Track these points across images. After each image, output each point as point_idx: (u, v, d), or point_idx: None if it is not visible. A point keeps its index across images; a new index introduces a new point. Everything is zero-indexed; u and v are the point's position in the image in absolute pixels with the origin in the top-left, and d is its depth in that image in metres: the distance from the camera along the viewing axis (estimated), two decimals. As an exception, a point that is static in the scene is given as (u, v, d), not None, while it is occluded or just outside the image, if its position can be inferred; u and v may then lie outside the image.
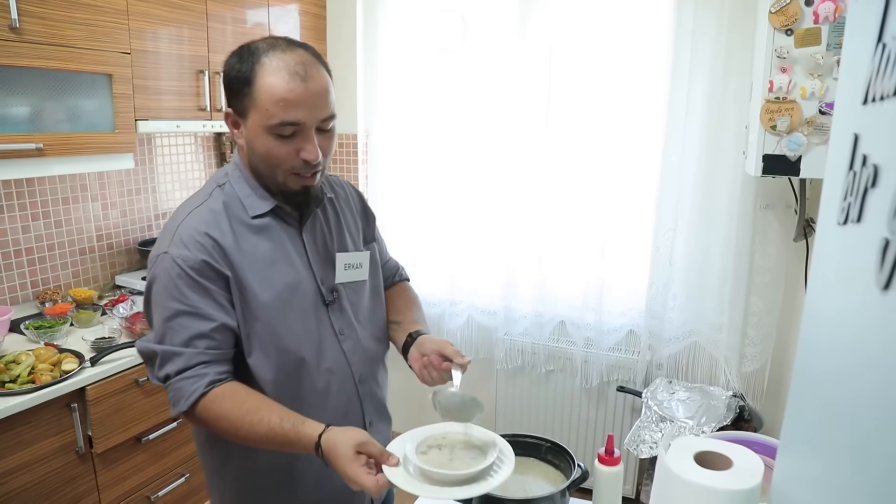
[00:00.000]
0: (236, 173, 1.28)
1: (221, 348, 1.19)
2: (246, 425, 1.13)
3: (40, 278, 2.53)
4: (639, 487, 2.93)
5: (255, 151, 1.20)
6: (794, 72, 1.86)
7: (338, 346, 1.32)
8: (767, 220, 2.59)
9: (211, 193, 1.26)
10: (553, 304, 3.02)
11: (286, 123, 1.15)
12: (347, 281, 1.36)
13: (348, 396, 1.34)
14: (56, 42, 2.03)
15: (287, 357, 1.25)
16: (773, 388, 2.69)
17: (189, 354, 1.16)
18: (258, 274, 1.22)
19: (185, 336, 1.16)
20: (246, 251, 1.22)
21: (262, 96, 1.14)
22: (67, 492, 2.00)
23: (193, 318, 1.16)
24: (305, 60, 1.17)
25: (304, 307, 1.27)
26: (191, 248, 1.18)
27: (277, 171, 1.21)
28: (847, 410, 0.66)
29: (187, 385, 1.15)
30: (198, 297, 1.17)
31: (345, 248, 1.37)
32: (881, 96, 0.64)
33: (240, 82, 1.17)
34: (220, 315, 1.18)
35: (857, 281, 0.65)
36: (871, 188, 0.64)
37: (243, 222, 1.24)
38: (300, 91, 1.14)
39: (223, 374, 1.18)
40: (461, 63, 3.00)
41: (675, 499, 1.12)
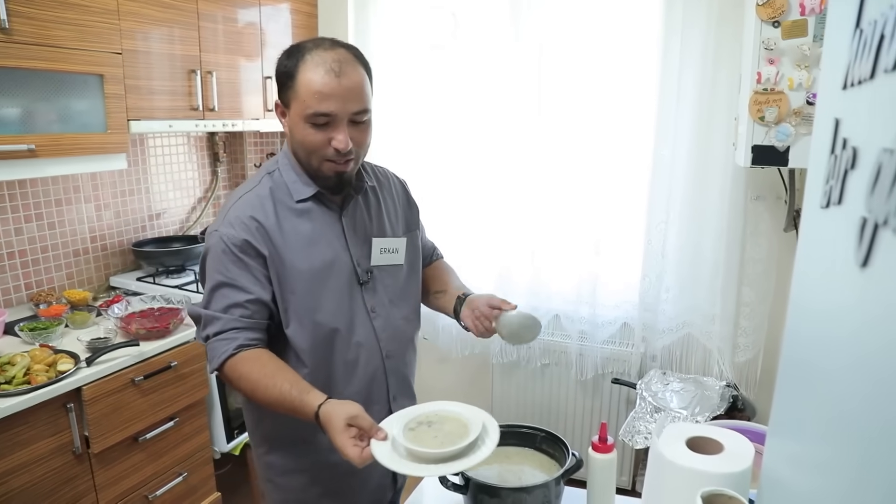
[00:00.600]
0: (285, 161, 1.41)
1: (255, 318, 1.32)
2: (262, 388, 1.26)
3: (34, 280, 2.53)
4: (634, 478, 2.95)
5: (294, 138, 1.34)
6: (781, 63, 1.88)
7: (368, 323, 1.44)
8: (758, 212, 2.61)
9: (261, 181, 1.40)
10: (547, 297, 3.03)
11: (319, 114, 1.28)
12: (382, 264, 1.47)
13: (375, 369, 1.45)
14: (46, 42, 2.03)
15: (320, 329, 1.37)
16: (765, 378, 2.72)
17: (226, 320, 1.30)
18: (298, 252, 1.35)
19: (225, 304, 1.31)
20: (288, 231, 1.36)
21: (301, 89, 1.28)
22: (65, 492, 2.01)
23: (232, 289, 1.31)
24: (343, 58, 1.29)
25: (339, 284, 1.40)
26: (236, 228, 1.32)
27: (312, 158, 1.34)
28: (831, 387, 0.68)
29: (220, 345, 1.30)
30: (238, 271, 1.31)
31: (383, 234, 1.49)
32: (859, 80, 0.66)
33: (285, 76, 1.31)
34: (256, 289, 1.32)
35: (838, 260, 0.66)
36: (850, 170, 0.66)
37: (287, 206, 1.37)
38: (333, 85, 1.27)
39: (253, 341, 1.31)
40: (452, 60, 3.01)
41: (667, 483, 1.13)
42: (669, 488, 1.12)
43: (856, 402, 0.59)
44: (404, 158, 3.21)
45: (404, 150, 3.21)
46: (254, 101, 2.92)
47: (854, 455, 0.59)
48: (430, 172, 3.16)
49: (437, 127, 3.10)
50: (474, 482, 1.27)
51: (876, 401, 0.53)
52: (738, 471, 1.08)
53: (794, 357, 0.89)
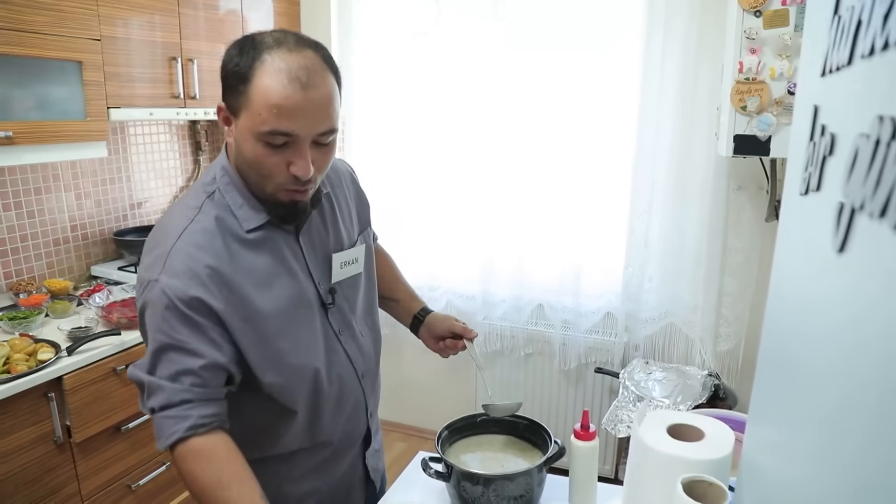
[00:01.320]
0: (225, 179, 1.17)
1: (209, 386, 1.08)
2: (206, 496, 1.03)
3: (13, 269, 2.50)
4: (617, 466, 2.98)
5: (242, 155, 1.11)
6: (763, 53, 1.89)
7: (340, 348, 1.29)
8: (740, 202, 2.62)
9: (201, 207, 1.15)
10: (531, 287, 3.04)
11: (277, 133, 1.04)
12: (343, 278, 1.31)
13: (356, 394, 1.33)
14: (22, 28, 2.00)
15: (301, 372, 1.21)
16: (747, 367, 2.74)
17: (173, 390, 1.06)
18: (259, 292, 1.14)
19: (172, 370, 1.07)
20: (245, 271, 1.13)
21: (255, 98, 1.03)
22: (47, 481, 1.99)
23: (181, 352, 1.07)
24: (311, 65, 1.04)
25: (308, 317, 1.22)
26: (182, 279, 1.07)
27: (265, 182, 1.11)
28: (807, 373, 0.69)
29: (168, 424, 1.06)
30: (187, 332, 1.07)
31: (341, 245, 1.30)
32: (837, 67, 0.66)
33: (236, 77, 1.05)
34: (210, 351, 1.08)
35: (816, 246, 0.67)
36: (828, 156, 0.66)
37: (238, 237, 1.14)
38: (297, 99, 1.02)
39: (207, 419, 1.07)
40: (435, 49, 2.99)
41: (648, 470, 1.14)
42: (650, 475, 1.13)
43: (828, 384, 0.60)
44: (387, 148, 3.20)
45: (387, 140, 3.20)
46: (236, 89, 2.89)
47: (829, 442, 0.59)
48: (413, 161, 3.16)
49: (420, 115, 3.09)
50: (457, 470, 1.27)
51: (847, 376, 0.53)
52: (719, 457, 1.09)
53: (773, 345, 0.90)
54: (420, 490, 1.41)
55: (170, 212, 1.20)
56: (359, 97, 3.20)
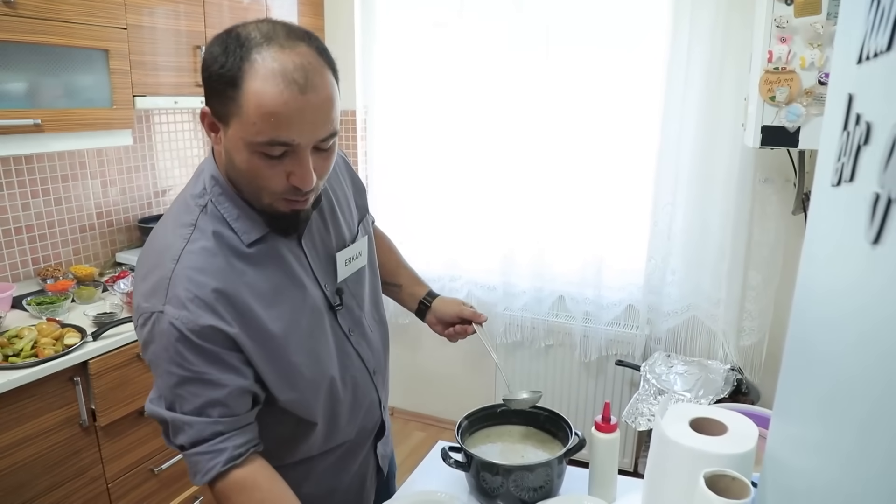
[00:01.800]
0: (216, 190, 1.07)
1: (238, 413, 1.03)
2: None
3: (41, 255, 2.54)
4: (636, 460, 2.96)
5: (235, 166, 1.00)
6: (793, 42, 1.85)
7: (352, 350, 1.24)
8: (766, 194, 2.59)
9: (196, 223, 1.05)
10: (552, 279, 3.03)
11: (276, 143, 0.93)
12: (348, 275, 1.25)
13: (369, 392, 1.30)
14: (51, 17, 2.02)
15: (316, 384, 1.16)
16: (770, 362, 2.71)
17: (202, 425, 1.00)
18: (268, 311, 1.07)
19: (196, 404, 1.00)
20: (250, 289, 1.05)
21: (248, 105, 0.91)
22: (72, 464, 2.03)
23: (202, 385, 1.00)
24: (307, 64, 0.93)
25: (318, 325, 1.16)
26: (191, 309, 0.99)
27: (262, 193, 1.01)
28: (836, 368, 0.67)
29: (204, 461, 1.01)
30: (203, 363, 1.00)
31: (343, 242, 1.23)
32: (875, 53, 0.64)
33: (222, 81, 0.93)
34: (233, 378, 1.02)
35: (848, 238, 0.65)
36: (863, 146, 0.65)
37: (239, 253, 1.06)
38: (296, 105, 0.91)
39: (243, 447, 1.03)
40: (459, 38, 2.98)
41: (670, 463, 1.13)
42: (672, 468, 1.12)
43: (859, 381, 0.58)
44: (409, 137, 3.20)
45: (409, 129, 3.20)
46: (260, 78, 2.90)
47: (854, 436, 0.58)
48: (434, 151, 3.15)
49: (442, 106, 3.09)
50: (477, 460, 1.27)
51: (880, 372, 0.52)
52: (742, 452, 1.07)
53: (800, 338, 0.88)
54: (439, 479, 1.41)
55: (161, 230, 1.09)
56: (381, 85, 3.21)
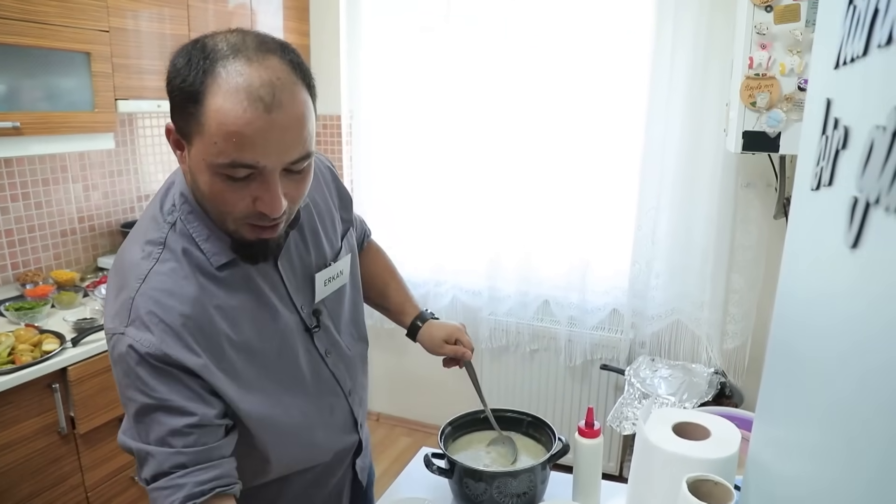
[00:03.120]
0: (186, 208, 1.00)
1: (204, 444, 0.94)
2: None
3: (21, 260, 2.50)
4: (622, 464, 2.96)
5: (198, 187, 0.93)
6: (773, 48, 1.87)
7: (327, 372, 1.18)
8: (748, 199, 2.61)
9: (165, 241, 0.98)
10: (537, 283, 3.03)
11: (238, 165, 0.86)
12: (328, 295, 1.19)
13: (345, 417, 1.25)
14: (31, 18, 1.99)
15: (292, 409, 1.11)
16: (753, 365, 2.73)
17: (162, 456, 0.92)
18: (237, 337, 1.01)
19: (159, 433, 0.92)
20: (220, 313, 0.99)
21: (209, 123, 0.84)
22: (51, 472, 2.00)
23: (163, 412, 0.92)
24: (276, 80, 0.85)
25: (293, 350, 1.11)
26: (154, 331, 0.92)
27: (227, 219, 0.94)
28: (817, 371, 0.68)
29: (161, 497, 0.92)
30: (166, 389, 0.92)
31: (324, 262, 1.16)
32: (851, 58, 0.65)
33: (184, 96, 0.86)
34: (196, 407, 0.94)
35: (828, 241, 0.66)
36: (842, 150, 0.65)
37: (208, 274, 0.99)
38: (261, 124, 0.84)
39: (207, 485, 0.93)
40: (444, 42, 2.98)
41: (653, 468, 1.13)
42: (655, 473, 1.12)
43: (841, 382, 0.58)
44: (394, 142, 3.20)
45: (394, 134, 3.19)
46: (244, 82, 2.89)
47: (839, 439, 0.58)
48: (420, 156, 3.15)
49: (428, 110, 3.08)
50: (460, 466, 1.27)
51: (858, 373, 0.52)
52: (725, 456, 1.08)
53: (782, 341, 0.88)
54: (424, 486, 1.40)
55: (129, 246, 1.01)
56: (366, 90, 3.20)
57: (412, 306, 1.46)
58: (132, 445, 0.95)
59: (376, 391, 3.55)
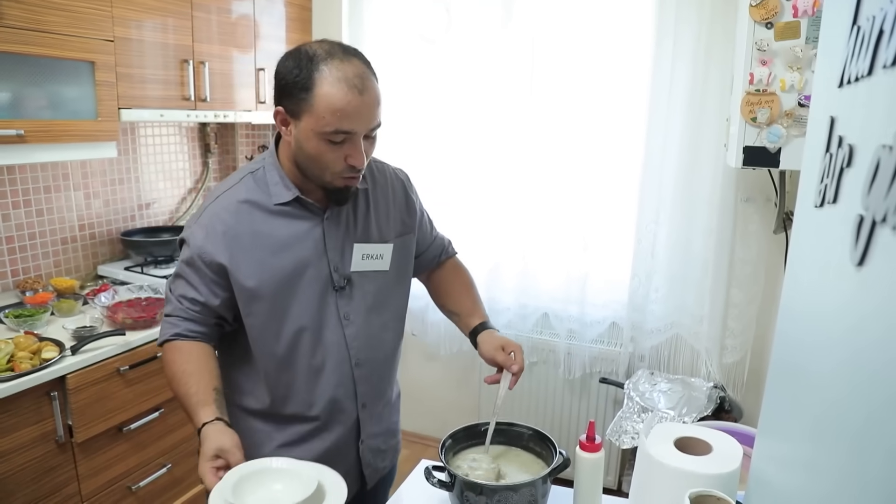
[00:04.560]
0: (270, 160, 1.38)
1: (199, 314, 1.36)
2: (176, 380, 1.31)
3: (21, 267, 2.50)
4: (620, 478, 2.95)
5: (303, 151, 1.28)
6: (773, 64, 1.88)
7: (339, 330, 1.40)
8: (748, 213, 2.61)
9: (242, 179, 1.38)
10: (536, 296, 3.03)
11: (339, 132, 1.22)
12: (364, 270, 1.43)
13: (342, 377, 1.42)
14: (37, 28, 2.01)
15: (285, 332, 1.36)
16: (752, 380, 2.72)
17: (175, 305, 1.36)
18: (268, 257, 1.34)
19: (179, 292, 1.36)
20: (260, 237, 1.34)
21: (319, 104, 1.21)
22: (47, 481, 1.99)
23: (186, 283, 1.35)
24: (362, 72, 1.23)
25: (311, 290, 1.37)
26: (204, 232, 1.33)
27: (325, 173, 1.29)
28: (822, 386, 0.68)
29: (165, 326, 1.37)
30: (192, 273, 1.34)
31: (367, 239, 1.43)
32: (856, 77, 0.65)
33: (297, 87, 1.22)
34: (205, 292, 1.34)
35: (832, 259, 0.66)
36: (846, 168, 0.66)
37: (265, 208, 1.35)
38: (357, 103, 1.21)
39: (193, 332, 1.35)
40: (445, 54, 2.99)
41: (655, 483, 1.13)
42: (657, 488, 1.12)
43: (846, 401, 0.59)
44: (393, 152, 3.19)
45: (394, 145, 3.19)
46: (246, 93, 2.91)
47: (841, 454, 0.58)
48: (419, 168, 3.14)
49: (429, 122, 3.09)
50: (460, 479, 1.26)
51: (867, 391, 0.52)
52: (727, 472, 1.07)
53: (784, 357, 0.89)
54: (423, 498, 1.40)
55: (218, 184, 1.43)
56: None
57: (482, 315, 1.62)
58: (166, 290, 1.40)
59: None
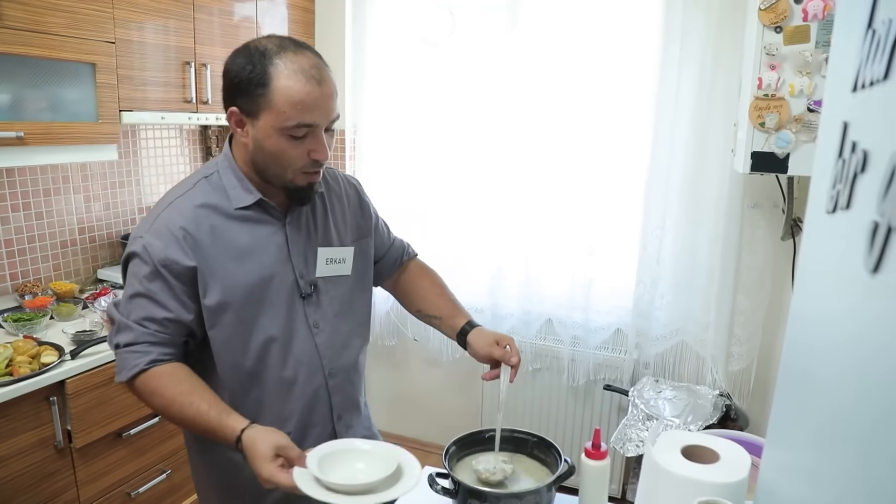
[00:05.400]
0: (225, 164, 1.31)
1: (170, 335, 1.25)
2: (177, 406, 1.20)
3: (20, 271, 2.49)
4: (625, 486, 2.93)
5: (264, 150, 1.23)
6: (782, 69, 1.86)
7: (310, 339, 1.36)
8: (755, 219, 2.59)
9: (196, 184, 1.30)
10: (540, 301, 3.01)
11: (301, 125, 1.19)
12: (328, 275, 1.39)
13: (316, 388, 1.38)
14: (38, 29, 2.00)
15: (253, 344, 1.31)
16: (759, 388, 2.70)
17: (139, 331, 1.23)
18: (232, 264, 1.27)
19: (140, 315, 1.24)
20: (222, 241, 1.27)
21: (278, 98, 1.17)
22: (45, 487, 1.97)
23: (150, 302, 1.24)
24: (317, 63, 1.21)
25: (278, 298, 1.32)
26: (162, 239, 1.23)
27: (287, 171, 1.25)
28: (832, 396, 0.66)
29: (132, 358, 1.23)
30: (157, 287, 1.24)
31: (329, 243, 1.40)
32: (871, 82, 0.63)
33: (252, 84, 1.18)
34: (176, 307, 1.24)
35: (845, 266, 0.64)
36: (860, 174, 0.64)
37: (225, 213, 1.28)
38: (317, 94, 1.18)
39: (167, 355, 1.25)
40: (449, 58, 2.98)
41: (661, 492, 1.11)
42: (663, 497, 1.10)
43: (855, 409, 0.57)
44: (396, 157, 3.19)
45: (397, 149, 3.18)
46: (249, 96, 2.89)
47: (850, 462, 0.57)
48: (422, 171, 3.14)
49: (433, 127, 3.08)
50: (464, 486, 1.25)
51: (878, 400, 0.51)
52: (735, 481, 1.06)
53: (794, 365, 0.87)
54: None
55: (169, 191, 1.35)
56: (370, 105, 3.19)
57: (465, 314, 1.57)
58: (116, 316, 1.26)
59: (375, 409, 3.51)
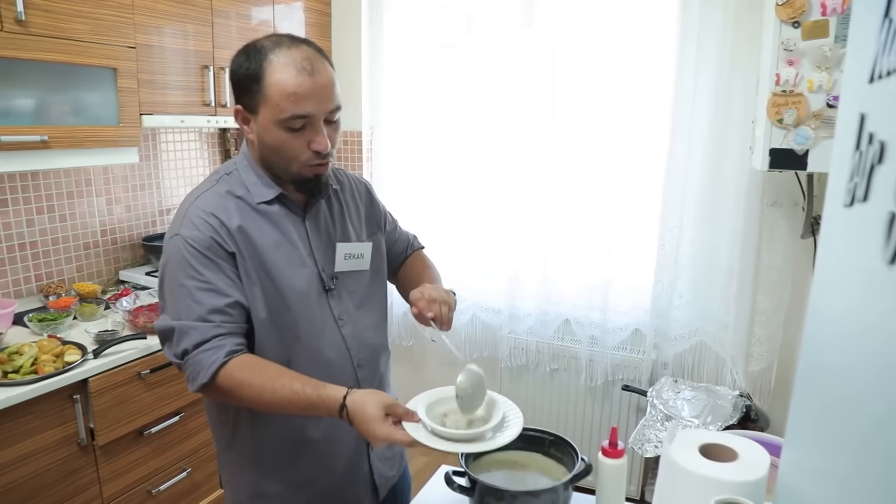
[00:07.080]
0: (244, 162, 1.33)
1: (236, 322, 1.23)
2: (269, 391, 1.17)
3: (44, 272, 2.53)
4: (643, 487, 2.91)
5: (267, 145, 1.25)
6: (801, 65, 1.85)
7: (337, 332, 1.36)
8: (774, 218, 2.56)
9: (217, 181, 1.32)
10: (558, 302, 3.00)
11: (296, 116, 1.20)
12: (347, 270, 1.40)
13: (346, 379, 1.36)
14: (61, 35, 2.04)
15: (287, 338, 1.30)
16: (779, 388, 2.67)
17: (205, 328, 1.19)
18: (264, 255, 1.27)
19: (202, 311, 1.20)
20: (250, 234, 1.27)
21: (272, 92, 1.19)
22: (68, 483, 2.00)
23: (208, 293, 1.21)
24: (310, 55, 1.22)
25: (306, 291, 1.31)
26: (200, 229, 1.23)
27: (291, 163, 1.26)
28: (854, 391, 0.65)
29: (206, 357, 1.19)
30: (211, 274, 1.22)
31: (347, 239, 1.41)
32: (887, 72, 0.63)
33: (249, 80, 1.22)
34: (234, 291, 1.23)
35: (863, 258, 0.64)
36: (877, 165, 0.63)
37: (251, 205, 1.29)
38: (308, 85, 1.19)
39: (240, 346, 1.22)
40: (465, 60, 2.99)
41: (679, 490, 1.10)
42: (681, 495, 1.09)
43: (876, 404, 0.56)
44: (414, 158, 3.20)
45: (414, 150, 3.20)
46: (267, 98, 2.92)
47: (875, 465, 0.56)
48: (439, 173, 3.15)
49: (449, 128, 3.09)
50: (481, 485, 1.25)
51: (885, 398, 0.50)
52: (754, 479, 1.05)
53: (813, 362, 0.86)
54: None
55: (189, 192, 1.35)
56: (387, 108, 3.21)
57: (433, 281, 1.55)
58: (174, 324, 1.21)
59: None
